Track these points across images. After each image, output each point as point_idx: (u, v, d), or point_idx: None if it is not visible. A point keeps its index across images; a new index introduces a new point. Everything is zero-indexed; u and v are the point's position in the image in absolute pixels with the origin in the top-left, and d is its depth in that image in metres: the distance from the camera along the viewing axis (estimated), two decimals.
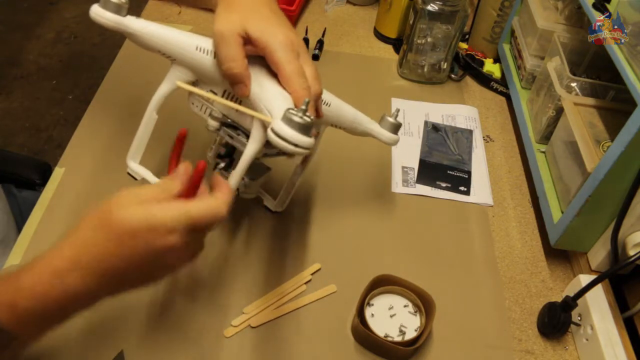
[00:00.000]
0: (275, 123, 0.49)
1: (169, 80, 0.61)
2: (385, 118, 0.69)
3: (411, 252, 0.76)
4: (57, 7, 2.52)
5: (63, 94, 2.15)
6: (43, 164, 0.99)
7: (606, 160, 0.62)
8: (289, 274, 0.70)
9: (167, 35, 0.59)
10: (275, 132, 0.48)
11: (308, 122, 0.48)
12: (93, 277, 0.46)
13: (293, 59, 0.55)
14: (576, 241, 0.73)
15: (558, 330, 0.67)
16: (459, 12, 0.93)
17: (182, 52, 0.59)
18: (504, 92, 1.02)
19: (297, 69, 0.55)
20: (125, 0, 0.58)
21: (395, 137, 0.70)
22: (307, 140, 0.49)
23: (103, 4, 0.58)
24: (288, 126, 0.48)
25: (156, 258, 0.46)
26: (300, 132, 0.48)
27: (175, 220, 0.45)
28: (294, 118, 0.48)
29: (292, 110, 0.49)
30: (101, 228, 0.46)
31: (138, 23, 0.59)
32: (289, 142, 0.48)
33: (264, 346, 0.63)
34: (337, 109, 0.65)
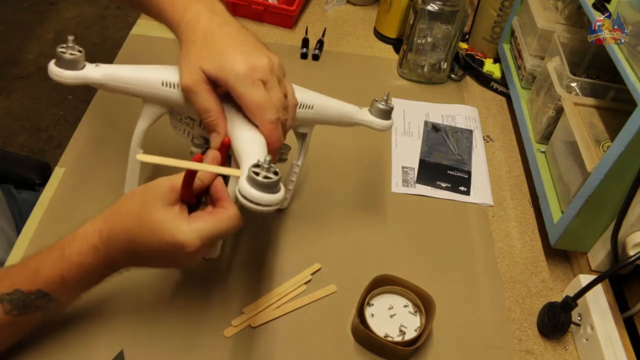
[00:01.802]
0: (241, 182, 0.46)
1: (145, 117, 0.61)
2: (375, 104, 0.67)
3: (411, 252, 0.76)
4: (57, 7, 2.52)
5: (63, 94, 2.15)
6: (43, 164, 0.99)
7: (606, 160, 0.62)
8: (289, 274, 0.70)
9: (131, 77, 0.57)
10: (241, 194, 0.46)
11: (272, 181, 0.46)
12: (122, 254, 0.52)
13: (254, 92, 0.52)
14: (576, 241, 0.73)
15: (558, 330, 0.67)
16: (459, 12, 0.93)
17: (149, 91, 0.57)
18: (504, 92, 1.02)
19: (260, 102, 0.52)
20: (79, 54, 0.56)
21: (388, 123, 0.67)
22: (272, 199, 0.46)
23: (58, 62, 0.56)
24: (252, 187, 0.46)
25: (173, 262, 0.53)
26: (265, 192, 0.46)
27: (202, 238, 0.48)
28: (258, 178, 0.45)
29: (256, 169, 0.46)
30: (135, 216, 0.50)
31: (98, 71, 0.57)
32: (254, 203, 0.46)
33: (264, 346, 0.63)
34: (321, 109, 0.64)
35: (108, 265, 0.53)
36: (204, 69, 0.53)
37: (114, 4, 0.85)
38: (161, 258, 0.51)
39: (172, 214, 0.49)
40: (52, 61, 0.57)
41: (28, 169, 0.96)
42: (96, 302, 0.63)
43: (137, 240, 0.50)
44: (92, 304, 0.63)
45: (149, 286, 0.66)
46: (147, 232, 0.49)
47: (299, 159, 0.71)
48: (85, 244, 0.52)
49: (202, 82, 0.53)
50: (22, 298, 0.52)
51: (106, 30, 2.38)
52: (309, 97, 0.63)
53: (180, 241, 0.48)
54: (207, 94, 0.54)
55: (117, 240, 0.51)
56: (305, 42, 1.05)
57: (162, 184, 0.50)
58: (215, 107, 0.54)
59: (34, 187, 0.95)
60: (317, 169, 0.83)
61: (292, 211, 0.77)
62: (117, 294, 0.65)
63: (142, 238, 0.49)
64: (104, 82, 0.57)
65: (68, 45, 0.56)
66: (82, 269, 0.52)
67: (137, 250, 0.51)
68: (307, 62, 1.03)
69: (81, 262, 0.52)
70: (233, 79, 0.52)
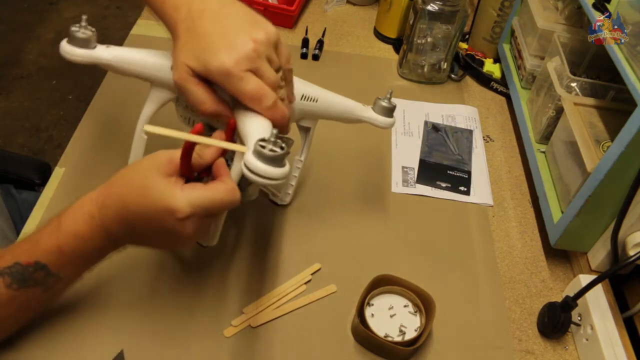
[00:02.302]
0: (247, 156, 0.47)
1: (152, 101, 0.61)
2: (378, 102, 0.68)
3: (411, 252, 0.76)
4: (57, 7, 2.52)
5: (63, 94, 2.15)
6: (43, 164, 0.99)
7: (606, 160, 0.62)
8: (289, 273, 0.70)
9: (140, 60, 0.58)
10: (246, 166, 0.47)
11: (278, 154, 0.46)
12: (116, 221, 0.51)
13: (244, 86, 0.51)
14: (576, 241, 0.73)
15: (558, 330, 0.67)
16: (459, 12, 0.93)
17: (158, 75, 0.58)
18: (504, 92, 1.02)
19: (253, 94, 0.52)
20: (91, 33, 0.58)
21: (390, 121, 0.68)
22: (279, 172, 0.47)
23: (70, 40, 0.57)
24: (259, 160, 0.46)
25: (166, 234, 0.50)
26: (271, 165, 0.46)
27: (193, 206, 0.48)
28: (264, 151, 0.46)
29: (262, 142, 0.47)
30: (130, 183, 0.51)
31: (109, 52, 0.58)
32: (260, 176, 0.46)
33: (264, 346, 0.63)
34: (325, 103, 0.65)
35: (104, 236, 0.53)
36: (190, 66, 0.52)
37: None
38: (154, 227, 0.50)
39: (166, 181, 0.49)
40: (65, 40, 0.58)
41: (28, 169, 0.96)
42: (96, 302, 0.63)
43: (130, 206, 0.50)
44: (92, 303, 0.63)
45: (149, 286, 0.66)
46: (140, 198, 0.49)
47: (302, 153, 0.72)
48: (81, 212, 0.52)
49: (189, 76, 0.52)
50: (21, 271, 0.52)
51: (106, 30, 2.38)
52: (314, 90, 0.64)
53: (170, 205, 0.48)
54: (196, 87, 0.53)
55: (111, 207, 0.51)
56: (305, 42, 1.05)
57: (160, 154, 0.51)
58: (207, 97, 0.54)
59: (34, 187, 0.95)
60: (317, 169, 0.83)
61: (292, 211, 0.77)
62: (117, 294, 0.65)
63: (135, 204, 0.50)
64: (113, 63, 0.58)
65: (81, 25, 0.58)
66: (78, 238, 0.52)
67: (130, 218, 0.51)
68: (307, 62, 1.03)
69: (77, 231, 0.52)
70: (221, 77, 0.51)
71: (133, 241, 0.54)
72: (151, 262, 0.68)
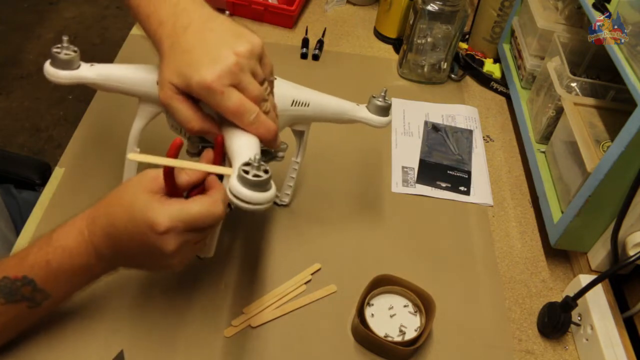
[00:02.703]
0: (231, 181, 0.46)
1: (141, 116, 0.61)
2: (373, 101, 0.66)
3: (411, 252, 0.76)
4: (57, 7, 2.52)
5: (63, 94, 2.15)
6: (43, 164, 0.99)
7: (606, 160, 0.62)
8: (289, 274, 0.70)
9: (125, 77, 0.57)
10: (231, 192, 0.46)
11: (262, 179, 0.45)
12: (103, 237, 0.52)
13: (226, 101, 0.50)
14: (576, 241, 0.73)
15: (558, 330, 0.67)
16: (459, 12, 0.93)
17: (144, 90, 0.57)
18: (504, 92, 1.02)
19: (235, 109, 0.51)
20: (73, 54, 0.56)
21: (386, 120, 0.67)
22: (263, 197, 0.46)
23: (53, 62, 0.56)
24: (243, 185, 0.45)
25: (150, 251, 0.50)
26: (255, 190, 0.45)
27: (172, 219, 0.48)
28: (248, 177, 0.45)
29: (246, 167, 0.46)
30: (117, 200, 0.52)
31: (92, 71, 0.57)
32: (245, 202, 0.45)
33: (264, 346, 0.63)
34: (317, 106, 0.64)
35: (92, 253, 0.52)
36: (173, 84, 0.51)
37: None
38: (137, 243, 0.50)
39: (149, 197, 0.49)
40: (48, 61, 0.57)
41: (28, 169, 0.96)
42: (96, 302, 0.63)
43: (116, 222, 0.50)
44: (92, 304, 0.63)
45: (149, 286, 0.66)
46: (124, 214, 0.50)
47: (298, 156, 0.72)
48: (71, 228, 0.53)
49: (174, 94, 0.52)
50: (9, 285, 0.51)
51: (106, 30, 2.38)
52: (305, 94, 0.63)
53: (149, 218, 0.48)
54: (182, 105, 0.52)
55: (99, 224, 0.52)
56: (305, 42, 1.05)
57: (147, 173, 0.51)
58: (192, 115, 0.52)
59: (34, 187, 0.95)
60: (317, 169, 0.83)
61: (291, 211, 0.77)
62: (117, 294, 0.65)
63: (120, 220, 0.50)
64: (98, 81, 0.58)
65: (63, 46, 0.56)
66: (66, 252, 0.52)
67: (116, 235, 0.51)
68: (307, 62, 1.03)
69: (65, 246, 0.52)
70: (202, 92, 0.50)
71: (120, 260, 0.54)
72: None
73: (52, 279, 0.53)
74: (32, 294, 0.52)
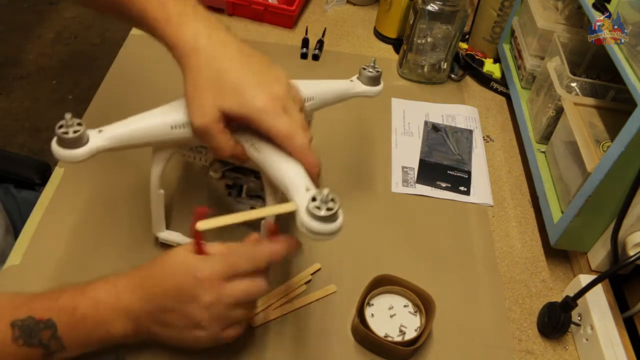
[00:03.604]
0: (303, 218, 0.46)
1: (158, 162, 0.60)
2: (364, 73, 0.68)
3: (411, 252, 0.76)
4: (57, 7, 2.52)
5: (63, 94, 2.15)
6: (43, 164, 0.99)
7: (606, 160, 0.62)
8: (289, 274, 0.70)
9: (137, 131, 0.54)
10: (304, 227, 0.46)
11: (333, 213, 0.46)
12: (136, 299, 0.51)
13: (280, 124, 0.50)
14: (576, 241, 0.73)
15: (558, 330, 0.67)
16: (459, 12, 0.93)
17: (159, 138, 0.55)
18: (504, 92, 1.02)
19: (288, 132, 0.51)
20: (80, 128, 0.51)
21: (378, 89, 0.69)
22: (335, 227, 0.47)
23: (61, 143, 0.51)
24: (315, 221, 0.46)
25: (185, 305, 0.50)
26: (327, 223, 0.46)
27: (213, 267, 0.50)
28: (321, 214, 0.46)
29: (315, 203, 0.46)
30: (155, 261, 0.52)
31: (104, 137, 0.53)
32: (319, 234, 0.46)
33: (263, 346, 0.63)
34: (321, 96, 0.65)
35: (120, 310, 0.51)
36: (224, 109, 0.50)
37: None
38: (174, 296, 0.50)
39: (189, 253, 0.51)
40: (55, 143, 0.51)
41: (28, 169, 0.96)
42: None
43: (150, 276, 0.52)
44: None
45: None
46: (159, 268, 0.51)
47: None
48: (106, 281, 0.53)
49: (216, 122, 0.51)
50: (31, 325, 0.49)
51: (106, 30, 2.38)
52: (310, 89, 0.63)
53: (190, 263, 0.49)
54: (221, 134, 0.51)
55: (131, 281, 0.52)
56: (305, 42, 1.05)
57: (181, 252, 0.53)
58: (229, 142, 0.53)
59: (34, 187, 0.95)
60: None
61: None
62: None
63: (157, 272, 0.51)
64: (113, 146, 0.54)
65: (67, 124, 0.51)
66: (94, 303, 0.51)
67: (149, 287, 0.51)
68: (307, 62, 1.03)
69: (95, 296, 0.51)
70: (256, 114, 0.50)
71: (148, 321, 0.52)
72: None
73: (71, 328, 0.51)
74: (49, 341, 0.50)
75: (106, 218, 0.73)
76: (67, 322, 0.50)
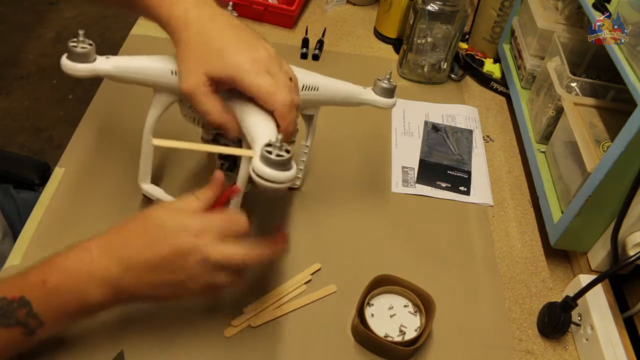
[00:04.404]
0: (254, 162, 0.48)
1: (156, 105, 0.62)
2: (379, 84, 0.69)
3: (411, 252, 0.76)
4: (57, 7, 2.52)
5: (63, 94, 2.15)
6: (43, 164, 0.99)
7: (606, 160, 0.62)
8: (289, 274, 0.70)
9: (141, 67, 0.59)
10: (255, 172, 0.48)
11: (285, 158, 0.48)
12: (117, 261, 0.50)
13: (261, 81, 0.53)
14: (576, 241, 0.73)
15: (558, 330, 0.67)
16: (459, 12, 0.93)
17: (160, 80, 0.59)
18: (504, 92, 1.02)
19: (269, 89, 0.53)
20: (89, 47, 0.58)
21: (392, 101, 0.69)
22: (286, 176, 0.48)
23: (70, 56, 0.58)
24: (266, 165, 0.48)
25: (178, 259, 0.50)
26: (278, 169, 0.48)
27: (204, 224, 0.50)
28: (271, 157, 0.47)
29: (268, 148, 0.48)
30: (134, 221, 0.52)
31: (109, 63, 0.59)
32: (269, 181, 0.48)
33: (264, 346, 0.63)
34: (327, 90, 0.65)
35: (96, 276, 0.50)
36: (208, 73, 0.53)
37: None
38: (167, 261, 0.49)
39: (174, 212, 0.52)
40: (64, 55, 0.58)
41: (28, 169, 0.96)
42: None
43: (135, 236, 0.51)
44: None
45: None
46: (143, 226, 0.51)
47: (307, 140, 0.73)
48: (75, 247, 0.51)
49: (201, 85, 0.53)
50: (5, 306, 0.49)
51: (106, 30, 2.38)
52: (314, 79, 0.64)
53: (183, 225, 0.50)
54: (206, 97, 0.54)
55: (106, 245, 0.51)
56: (305, 42, 1.05)
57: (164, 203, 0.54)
58: (216, 107, 0.54)
59: (34, 187, 0.95)
60: (317, 168, 0.83)
61: (292, 211, 0.77)
62: None
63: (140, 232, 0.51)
64: (115, 73, 0.59)
65: (79, 40, 0.58)
66: (64, 273, 0.50)
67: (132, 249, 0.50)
68: (307, 62, 1.03)
69: (65, 266, 0.51)
70: (240, 74, 0.53)
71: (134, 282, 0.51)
72: None
73: (45, 301, 0.50)
74: (26, 319, 0.50)
75: (106, 218, 0.73)
76: (40, 297, 0.50)
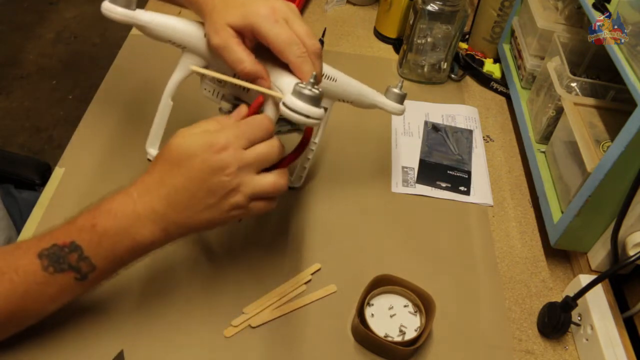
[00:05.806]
0: (287, 97, 0.52)
1: (181, 68, 0.63)
2: (391, 89, 0.72)
3: (411, 252, 0.76)
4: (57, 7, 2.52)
5: (63, 94, 2.16)
6: (43, 164, 0.99)
7: (606, 160, 0.62)
8: (289, 274, 0.70)
9: (175, 25, 0.61)
10: (287, 106, 0.52)
11: (317, 94, 0.52)
12: (157, 199, 0.52)
13: (280, 29, 0.55)
14: (576, 241, 0.73)
15: (558, 330, 0.67)
16: (459, 12, 0.93)
17: (191, 41, 0.61)
18: (504, 92, 1.02)
19: (287, 38, 0.55)
20: None
21: (401, 107, 0.72)
22: (318, 111, 0.52)
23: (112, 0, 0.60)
24: (299, 99, 0.51)
25: (214, 177, 0.51)
26: (310, 104, 0.51)
27: (228, 136, 0.52)
28: (304, 91, 0.51)
29: (301, 84, 0.52)
30: (162, 156, 0.53)
31: (147, 16, 0.61)
32: (301, 114, 0.51)
33: (264, 346, 0.63)
34: (343, 83, 0.67)
35: (142, 215, 0.52)
36: (229, 23, 0.55)
37: None
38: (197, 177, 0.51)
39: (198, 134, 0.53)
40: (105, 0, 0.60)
41: (28, 169, 0.96)
42: (97, 302, 0.63)
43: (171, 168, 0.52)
44: (92, 304, 0.63)
45: (150, 286, 0.66)
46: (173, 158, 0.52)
47: (317, 135, 0.74)
48: (119, 193, 0.54)
49: (230, 37, 0.55)
50: (57, 252, 0.51)
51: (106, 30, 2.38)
52: (332, 70, 0.66)
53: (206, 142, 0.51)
54: (237, 46, 0.55)
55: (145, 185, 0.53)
56: None
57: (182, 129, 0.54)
58: (247, 56, 0.56)
59: (34, 187, 0.95)
60: (317, 168, 0.83)
61: (292, 212, 0.78)
62: (118, 294, 0.65)
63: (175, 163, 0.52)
64: (150, 26, 0.60)
65: None
66: (111, 215, 0.52)
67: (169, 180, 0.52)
68: None
69: (111, 208, 0.53)
70: (257, 20, 0.54)
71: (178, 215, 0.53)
72: (151, 262, 0.68)
73: (95, 244, 0.52)
74: (78, 263, 0.52)
75: None
76: (90, 241, 0.52)
